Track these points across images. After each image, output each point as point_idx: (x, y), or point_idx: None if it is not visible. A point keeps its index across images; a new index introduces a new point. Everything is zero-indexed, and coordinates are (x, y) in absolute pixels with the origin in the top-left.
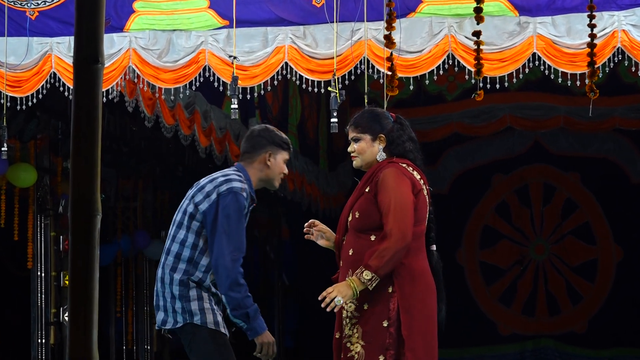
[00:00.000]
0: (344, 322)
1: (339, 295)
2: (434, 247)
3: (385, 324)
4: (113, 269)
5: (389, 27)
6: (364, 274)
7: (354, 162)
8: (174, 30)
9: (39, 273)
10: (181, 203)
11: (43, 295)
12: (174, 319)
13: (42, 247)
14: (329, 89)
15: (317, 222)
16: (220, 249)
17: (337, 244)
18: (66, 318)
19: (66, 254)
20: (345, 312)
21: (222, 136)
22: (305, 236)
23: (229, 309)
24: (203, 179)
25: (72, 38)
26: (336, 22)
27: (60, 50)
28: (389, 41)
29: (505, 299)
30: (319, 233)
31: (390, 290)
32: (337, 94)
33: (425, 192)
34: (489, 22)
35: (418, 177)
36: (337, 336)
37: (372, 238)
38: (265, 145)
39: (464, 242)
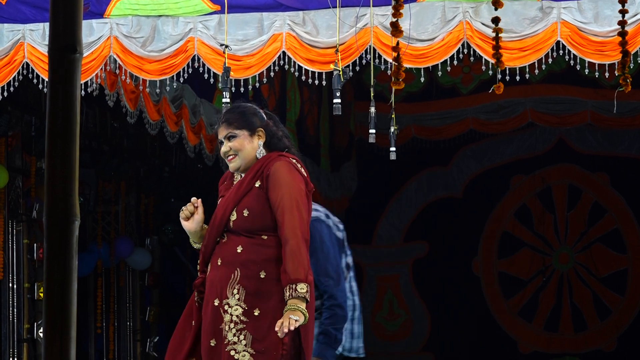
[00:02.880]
0: (227, 327)
1: (292, 319)
2: None
3: (279, 334)
4: (92, 279)
5: (396, 12)
6: (298, 288)
7: (233, 164)
8: (160, 16)
9: (10, 284)
10: None
11: (15, 309)
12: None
13: (14, 256)
14: (331, 66)
15: (200, 204)
16: None
17: (206, 247)
18: (41, 334)
19: (41, 264)
20: (228, 315)
21: (213, 133)
22: (185, 213)
23: None
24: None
25: (47, 25)
26: (339, 7)
27: (34, 38)
28: (395, 29)
29: (526, 314)
30: (199, 214)
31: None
32: (340, 72)
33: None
34: (508, 7)
35: (306, 174)
36: (212, 344)
37: (264, 237)
38: None
39: (480, 250)
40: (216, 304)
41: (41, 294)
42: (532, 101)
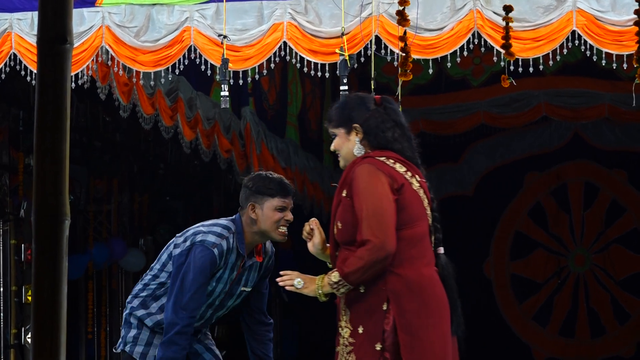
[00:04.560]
0: (341, 350)
1: (301, 279)
2: (442, 250)
3: (378, 347)
4: (84, 282)
5: (403, 1)
6: (332, 275)
7: (340, 164)
8: (154, 4)
9: None
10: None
11: (2, 314)
12: (119, 342)
13: (0, 258)
14: (337, 50)
15: (318, 223)
16: (169, 301)
17: (332, 259)
18: (29, 340)
19: (29, 266)
20: (342, 339)
21: (210, 128)
22: (304, 235)
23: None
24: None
25: (35, 14)
26: None
27: (22, 28)
28: (402, 17)
29: (540, 318)
30: (315, 237)
31: (384, 307)
32: (347, 57)
33: (416, 186)
34: None
35: (403, 169)
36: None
37: None
38: (249, 196)
39: (492, 251)
40: (338, 327)
41: (29, 298)
42: (546, 94)
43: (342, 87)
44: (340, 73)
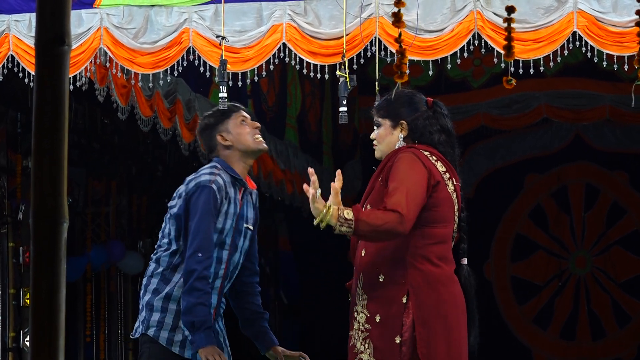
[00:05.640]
0: (355, 335)
1: (317, 194)
2: (465, 261)
3: (397, 340)
4: (82, 285)
5: (399, 2)
6: (346, 211)
7: (375, 153)
8: (153, 5)
9: None
10: None
11: (0, 317)
12: (136, 327)
13: None
14: (338, 72)
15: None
16: (186, 250)
17: (352, 247)
18: (27, 343)
19: (27, 268)
20: (357, 323)
21: None
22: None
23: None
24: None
25: (33, 15)
26: None
27: (20, 30)
28: (396, 19)
29: (540, 320)
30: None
31: (404, 300)
32: (347, 79)
33: (451, 189)
34: None
35: (443, 169)
36: (350, 343)
37: None
38: (211, 133)
39: (492, 253)
40: (352, 311)
41: (27, 301)
42: (547, 95)
43: (341, 109)
44: (340, 94)
